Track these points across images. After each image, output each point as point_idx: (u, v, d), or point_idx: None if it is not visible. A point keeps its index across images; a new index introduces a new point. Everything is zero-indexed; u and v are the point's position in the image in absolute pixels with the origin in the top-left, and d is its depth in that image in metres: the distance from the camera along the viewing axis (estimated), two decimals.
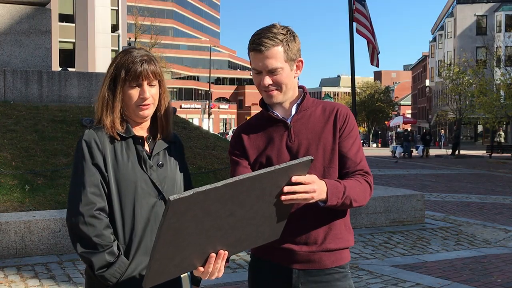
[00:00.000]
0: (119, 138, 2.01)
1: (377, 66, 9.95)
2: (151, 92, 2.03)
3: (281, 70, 2.05)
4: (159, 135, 2.11)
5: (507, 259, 6.41)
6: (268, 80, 2.06)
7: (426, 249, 6.77)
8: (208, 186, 1.51)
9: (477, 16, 56.36)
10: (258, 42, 2.03)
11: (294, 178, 1.75)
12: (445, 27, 61.39)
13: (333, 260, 2.10)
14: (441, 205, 11.35)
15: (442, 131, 46.48)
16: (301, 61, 2.13)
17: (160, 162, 2.07)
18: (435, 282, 5.37)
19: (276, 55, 2.03)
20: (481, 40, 48.76)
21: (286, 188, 1.74)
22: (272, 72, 2.05)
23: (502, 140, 39.48)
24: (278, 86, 2.08)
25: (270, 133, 2.14)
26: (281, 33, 2.04)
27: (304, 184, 1.77)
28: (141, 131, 2.09)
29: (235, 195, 1.59)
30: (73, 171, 2.01)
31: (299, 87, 2.20)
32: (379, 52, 9.69)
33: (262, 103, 2.19)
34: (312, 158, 1.78)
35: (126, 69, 2.00)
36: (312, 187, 1.80)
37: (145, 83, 2.02)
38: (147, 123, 2.11)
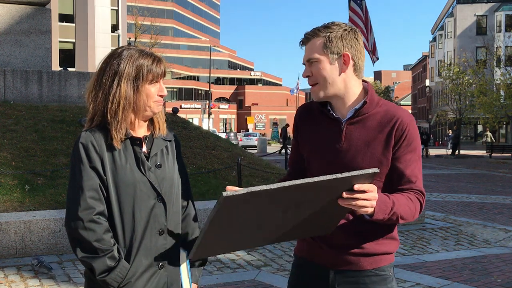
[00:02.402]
0: (119, 143, 1.98)
1: (375, 60, 9.91)
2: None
3: (317, 61, 2.01)
4: (156, 133, 2.10)
5: (507, 259, 6.41)
6: (306, 71, 2.06)
7: (426, 249, 6.77)
8: (263, 187, 1.52)
9: (477, 16, 56.38)
10: (303, 37, 2.07)
11: (357, 186, 1.70)
12: (445, 27, 61.41)
13: (371, 262, 2.04)
14: (441, 205, 11.35)
15: (450, 131, 46.03)
16: (346, 55, 2.00)
17: (158, 163, 2.06)
18: (435, 282, 5.37)
19: (313, 45, 2.03)
20: (481, 40, 48.80)
21: (346, 194, 1.70)
22: (309, 62, 2.04)
23: (489, 140, 40.05)
24: (316, 79, 2.03)
25: (324, 128, 2.09)
26: (327, 26, 2.03)
27: (366, 192, 1.72)
28: (138, 130, 2.08)
29: (288, 196, 1.62)
30: (71, 175, 1.98)
31: (364, 81, 2.11)
32: (370, 50, 9.68)
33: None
34: (378, 171, 1.71)
35: (148, 69, 2.01)
36: (374, 196, 1.74)
37: (161, 80, 2.07)
38: (145, 122, 2.11)
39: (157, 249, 2.01)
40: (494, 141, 40.32)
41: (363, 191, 1.70)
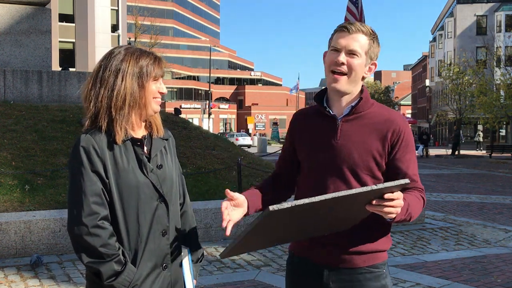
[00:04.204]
0: (120, 143, 1.96)
1: None
2: None
3: (358, 56, 2.07)
4: (154, 134, 2.09)
5: (507, 259, 6.41)
6: (343, 58, 2.07)
7: (426, 249, 6.77)
8: (306, 200, 1.63)
9: (477, 16, 56.37)
10: (349, 24, 2.10)
11: (388, 195, 1.78)
12: (445, 27, 61.40)
13: (365, 260, 2.09)
14: (441, 205, 11.35)
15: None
16: (375, 64, 2.15)
17: (159, 164, 2.05)
18: (435, 282, 5.37)
19: (361, 40, 2.08)
20: (481, 40, 48.78)
21: (376, 201, 1.79)
22: (350, 53, 2.07)
23: (481, 140, 40.16)
24: (349, 70, 2.08)
25: (319, 127, 2.16)
26: (372, 30, 2.12)
27: (394, 200, 1.80)
28: (137, 131, 2.06)
29: (326, 206, 1.73)
30: (72, 179, 1.94)
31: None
32: None
33: (317, 97, 2.20)
34: (409, 181, 1.80)
35: (152, 67, 2.02)
36: (400, 203, 1.82)
37: (160, 79, 2.07)
38: (144, 122, 2.10)
39: (160, 250, 2.01)
40: (483, 140, 40.51)
41: (392, 199, 1.78)
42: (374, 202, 1.78)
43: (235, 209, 2.02)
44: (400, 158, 2.08)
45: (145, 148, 2.05)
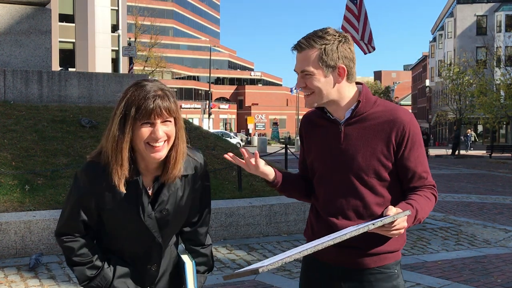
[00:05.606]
0: (122, 184, 1.89)
1: (365, 52, 9.84)
2: (165, 130, 1.83)
3: (311, 74, 2.01)
4: (164, 177, 1.94)
5: (507, 259, 6.41)
6: (300, 83, 2.05)
7: (426, 249, 6.77)
8: (296, 256, 1.74)
9: (477, 16, 56.39)
10: (297, 42, 2.03)
11: (392, 233, 1.89)
12: (445, 27, 61.42)
13: (376, 260, 2.08)
14: (441, 205, 11.34)
15: (469, 131, 44.24)
16: (342, 67, 2.01)
17: (166, 207, 1.96)
18: (435, 282, 5.37)
19: (308, 57, 2.00)
20: (481, 40, 48.81)
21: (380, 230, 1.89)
22: (303, 74, 2.03)
23: (473, 140, 40.56)
24: (310, 90, 2.03)
25: (324, 132, 2.13)
26: (322, 37, 1.99)
27: (397, 225, 1.89)
28: (151, 169, 1.94)
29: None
30: (66, 198, 2.03)
31: (357, 83, 2.12)
32: (364, 42, 9.66)
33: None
34: (410, 213, 1.87)
35: (137, 106, 1.79)
36: (403, 225, 1.89)
37: (158, 121, 1.81)
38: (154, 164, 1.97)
39: (147, 277, 2.06)
40: (477, 140, 40.83)
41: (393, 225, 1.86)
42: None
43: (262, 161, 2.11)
44: (408, 157, 2.04)
45: (151, 191, 1.96)
